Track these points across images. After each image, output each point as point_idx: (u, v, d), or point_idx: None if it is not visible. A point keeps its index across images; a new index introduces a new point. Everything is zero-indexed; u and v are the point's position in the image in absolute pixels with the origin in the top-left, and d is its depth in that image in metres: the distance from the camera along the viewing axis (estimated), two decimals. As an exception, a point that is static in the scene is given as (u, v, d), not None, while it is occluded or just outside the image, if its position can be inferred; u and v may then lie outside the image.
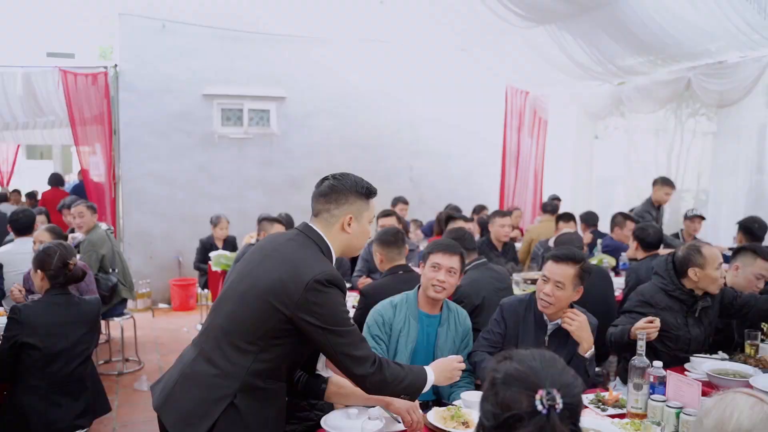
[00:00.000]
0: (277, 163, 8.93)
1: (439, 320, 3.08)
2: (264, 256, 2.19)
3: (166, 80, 8.26)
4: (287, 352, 2.11)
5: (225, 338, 2.09)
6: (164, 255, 8.47)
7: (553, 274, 2.87)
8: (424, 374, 2.28)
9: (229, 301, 2.17)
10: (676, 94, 7.37)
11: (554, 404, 1.21)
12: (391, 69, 9.27)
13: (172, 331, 7.17)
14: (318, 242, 2.17)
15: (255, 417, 2.06)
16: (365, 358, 2.09)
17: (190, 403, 2.06)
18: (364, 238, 2.29)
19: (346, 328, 2.07)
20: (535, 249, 6.59)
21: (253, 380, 2.05)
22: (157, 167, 8.32)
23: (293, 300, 2.01)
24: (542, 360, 1.31)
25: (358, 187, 2.22)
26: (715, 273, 3.28)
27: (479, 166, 10.13)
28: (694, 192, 8.17)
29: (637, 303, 3.40)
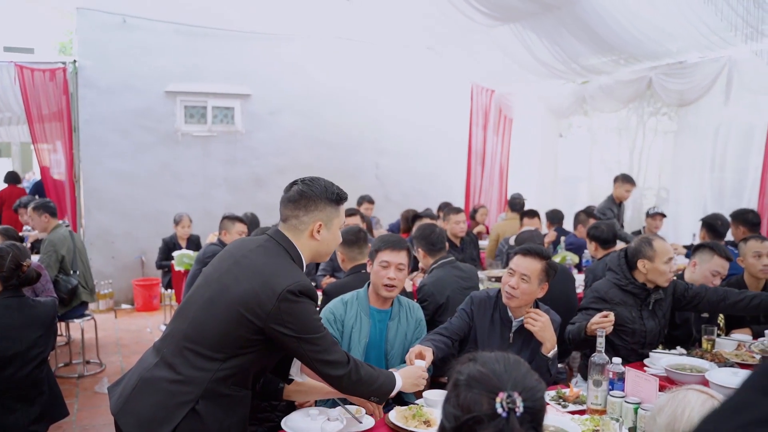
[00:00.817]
0: (241, 161, 8.84)
1: (390, 314, 3.08)
2: (233, 263, 2.14)
3: (127, 77, 8.10)
4: (254, 360, 2.08)
5: (188, 345, 2.04)
6: (126, 255, 8.32)
7: (519, 267, 2.89)
8: (394, 379, 2.30)
9: (194, 306, 2.12)
10: (638, 93, 7.49)
11: (514, 407, 1.21)
12: (357, 67, 9.25)
13: (134, 332, 7.05)
14: (288, 249, 2.15)
15: (217, 424, 2.02)
16: (340, 361, 2.11)
17: (149, 409, 2.01)
18: (334, 244, 2.27)
19: (318, 335, 2.07)
20: (500, 246, 6.65)
21: (217, 387, 2.02)
22: (118, 165, 8.16)
23: (265, 311, 1.99)
24: (506, 363, 1.30)
25: (328, 193, 2.18)
26: (663, 266, 3.32)
27: (445, 164, 10.17)
28: (655, 190, 8.32)
29: (592, 300, 3.44)
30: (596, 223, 5.32)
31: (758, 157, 6.16)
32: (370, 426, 2.44)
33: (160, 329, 7.11)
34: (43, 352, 3.30)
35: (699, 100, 6.81)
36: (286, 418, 2.39)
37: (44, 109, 7.70)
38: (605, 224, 5.18)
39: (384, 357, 3.01)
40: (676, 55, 6.82)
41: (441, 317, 3.86)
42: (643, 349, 3.41)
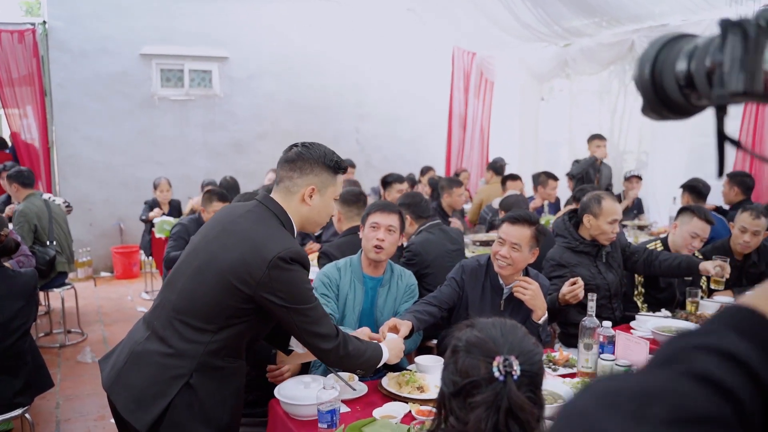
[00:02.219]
0: (220, 126, 8.69)
1: (381, 281, 3.08)
2: (221, 230, 2.07)
3: (100, 39, 7.87)
4: (246, 330, 2.04)
5: (178, 317, 1.99)
6: (105, 222, 8.19)
7: (509, 236, 2.87)
8: (381, 351, 2.28)
9: (182, 276, 2.05)
10: (619, 55, 7.47)
11: (511, 371, 1.21)
12: (338, 29, 9.08)
13: (115, 300, 6.98)
14: (278, 214, 2.07)
15: (212, 397, 1.98)
16: (329, 334, 2.06)
17: (142, 384, 1.96)
18: (326, 214, 2.19)
19: (309, 305, 2.02)
20: (483, 212, 6.66)
21: (210, 359, 1.97)
22: (94, 131, 7.98)
23: (255, 279, 1.93)
24: (503, 328, 1.31)
25: (327, 159, 2.11)
26: (606, 226, 3.41)
27: (426, 128, 10.11)
28: (635, 153, 8.36)
29: (551, 268, 3.50)
30: (584, 186, 5.32)
31: (736, 121, 6.19)
32: (364, 393, 2.44)
33: (142, 297, 7.05)
34: (26, 323, 3.24)
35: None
36: (280, 386, 2.37)
37: (14, 73, 7.48)
38: (591, 187, 5.19)
39: (373, 324, 3.00)
40: (658, 18, 6.80)
41: (426, 277, 3.87)
42: (611, 302, 3.52)
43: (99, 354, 5.22)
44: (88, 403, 4.36)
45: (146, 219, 6.74)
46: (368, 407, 2.33)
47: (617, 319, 3.43)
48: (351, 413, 2.30)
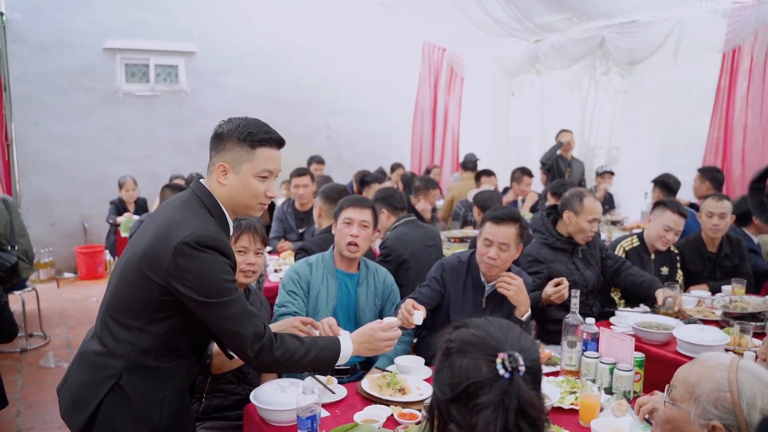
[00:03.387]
0: (188, 122, 8.49)
1: (358, 280, 3.01)
2: (148, 223, 1.96)
3: (62, 32, 7.61)
4: (178, 326, 1.88)
5: (109, 314, 1.89)
6: (68, 221, 7.94)
7: (496, 236, 2.81)
8: (336, 345, 2.02)
9: (116, 273, 1.95)
10: (589, 51, 7.51)
11: (517, 366, 1.14)
12: (309, 23, 8.95)
13: (79, 302, 6.76)
14: (204, 198, 1.91)
15: (144, 398, 1.85)
16: (250, 336, 1.82)
17: (79, 386, 1.88)
18: (250, 194, 1.92)
19: (224, 299, 1.80)
20: (456, 208, 6.61)
21: (140, 359, 1.85)
22: (56, 127, 7.72)
23: (163, 266, 1.77)
24: (500, 325, 1.24)
25: (239, 132, 1.88)
26: (585, 224, 3.41)
27: (397, 124, 10.04)
28: (606, 149, 8.41)
29: (528, 264, 3.47)
30: (560, 181, 5.31)
31: (706, 117, 6.25)
32: (344, 396, 2.36)
33: (107, 298, 6.84)
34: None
35: (649, 58, 6.86)
36: (256, 390, 2.28)
37: (-30, 67, 7.18)
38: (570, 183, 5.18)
39: (355, 323, 2.92)
40: (628, 14, 6.83)
41: (404, 273, 3.82)
42: (588, 299, 3.51)
43: (62, 358, 5.04)
44: (52, 410, 4.17)
45: (114, 223, 6.56)
46: (349, 411, 2.25)
47: (595, 316, 3.39)
48: (331, 418, 2.22)
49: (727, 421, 1.38)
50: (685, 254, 4.09)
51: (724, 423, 1.38)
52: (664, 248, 3.81)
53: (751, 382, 1.38)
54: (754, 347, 2.71)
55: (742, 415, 1.36)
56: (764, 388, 1.37)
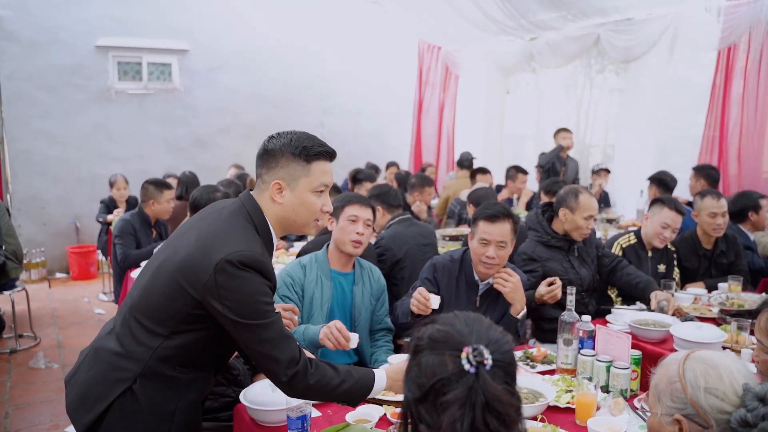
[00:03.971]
0: (180, 121, 8.43)
1: (353, 279, 2.96)
2: (189, 227, 1.88)
3: (53, 30, 7.53)
4: (204, 339, 1.82)
5: (133, 314, 1.81)
6: (59, 221, 7.86)
7: (493, 235, 2.77)
8: (370, 380, 1.89)
9: (147, 273, 1.88)
10: (584, 49, 7.47)
11: (483, 360, 1.08)
12: (302, 21, 8.90)
13: (71, 302, 6.68)
14: (253, 214, 1.83)
15: (155, 408, 1.78)
16: (285, 360, 1.75)
17: (89, 383, 1.81)
18: (307, 212, 1.87)
19: (261, 322, 1.73)
20: (452, 206, 6.58)
21: (158, 366, 1.78)
22: (48, 125, 7.65)
23: (201, 282, 1.71)
24: (466, 319, 1.19)
25: (293, 147, 1.82)
26: (581, 221, 3.38)
27: (391, 122, 10.00)
28: (601, 147, 8.39)
29: (523, 262, 3.43)
30: (554, 179, 5.29)
31: (701, 115, 6.22)
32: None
33: (99, 298, 6.78)
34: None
35: (644, 56, 6.84)
36: (246, 390, 2.23)
37: (-40, 64, 7.10)
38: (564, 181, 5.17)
39: (351, 323, 2.87)
40: (624, 11, 6.80)
41: (398, 273, 3.78)
42: (584, 297, 3.47)
43: (53, 359, 4.98)
44: (41, 412, 4.12)
45: (104, 221, 6.47)
46: (340, 410, 2.20)
47: (591, 314, 3.36)
48: (322, 417, 2.18)
49: (685, 411, 1.37)
50: (681, 251, 4.06)
51: (684, 414, 1.37)
52: (662, 246, 3.78)
53: (694, 367, 1.38)
54: (751, 344, 2.68)
55: (690, 398, 1.36)
56: (709, 368, 1.36)
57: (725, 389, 1.33)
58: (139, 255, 4.68)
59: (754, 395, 1.31)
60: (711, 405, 1.34)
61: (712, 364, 1.37)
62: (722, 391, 1.33)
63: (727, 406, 1.33)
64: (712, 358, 1.39)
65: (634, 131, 7.29)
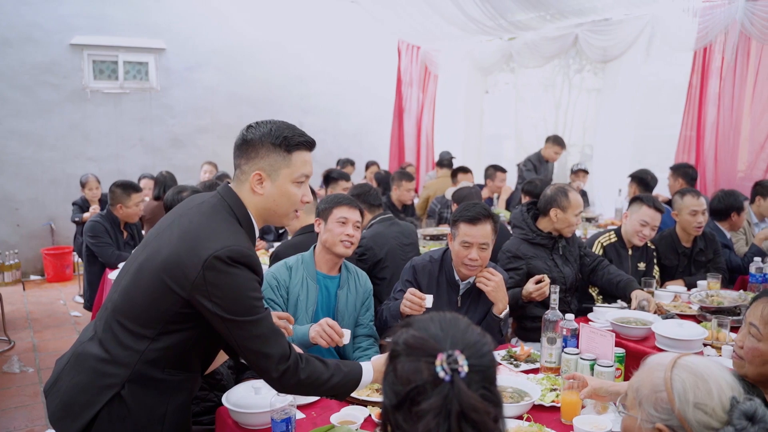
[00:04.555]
0: (157, 121, 8.32)
1: (339, 282, 2.93)
2: (170, 223, 1.82)
3: (27, 27, 7.39)
4: (192, 339, 1.79)
5: (116, 318, 1.76)
6: (33, 222, 7.72)
7: (476, 237, 2.76)
8: (358, 373, 1.88)
9: (126, 273, 1.82)
10: (563, 49, 7.52)
11: (457, 367, 1.05)
12: (280, 20, 8.84)
13: (46, 305, 6.56)
14: (234, 207, 1.80)
15: (146, 412, 1.75)
16: (275, 356, 1.73)
17: (73, 390, 1.75)
18: (288, 202, 1.85)
19: (251, 318, 1.70)
20: (432, 205, 6.57)
21: (146, 369, 1.73)
22: (20, 125, 7.50)
23: (189, 280, 1.67)
24: (442, 322, 1.14)
25: (273, 136, 1.79)
26: (572, 218, 3.42)
27: (370, 121, 9.98)
28: (580, 146, 8.45)
29: (507, 260, 3.44)
30: (531, 179, 5.32)
31: (678, 115, 6.29)
32: (319, 397, 2.28)
33: (75, 300, 6.67)
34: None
35: (621, 56, 6.90)
36: (228, 392, 2.19)
37: (-71, 63, 6.94)
38: (539, 179, 5.19)
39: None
40: (602, 12, 6.85)
41: (380, 272, 3.76)
42: (567, 295, 3.48)
43: (28, 363, 4.88)
44: (16, 417, 4.03)
45: (80, 221, 6.33)
46: (325, 412, 2.18)
47: (574, 312, 3.38)
48: (306, 419, 2.15)
49: (669, 421, 1.33)
50: (660, 249, 4.09)
51: (666, 424, 1.33)
52: (641, 243, 3.81)
53: (683, 378, 1.33)
54: (731, 341, 2.70)
55: (677, 411, 1.31)
56: (698, 381, 1.32)
57: (714, 405, 1.29)
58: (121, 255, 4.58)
59: (742, 413, 1.28)
60: (698, 420, 1.30)
61: (702, 377, 1.33)
62: (711, 408, 1.29)
63: (714, 423, 1.29)
64: (702, 369, 1.35)
65: (612, 131, 7.35)
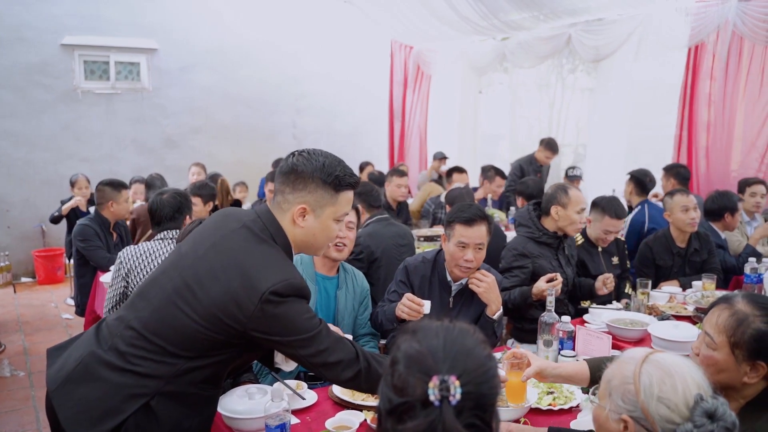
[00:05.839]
0: (150, 121, 8.27)
1: (337, 283, 2.91)
2: (210, 246, 1.78)
3: (17, 27, 7.33)
4: (230, 359, 1.79)
5: (148, 336, 1.72)
6: (25, 224, 7.66)
7: (471, 238, 2.74)
8: None
9: (160, 293, 1.77)
10: (556, 49, 7.52)
11: (448, 395, 1.01)
12: (274, 20, 8.81)
13: (37, 308, 6.51)
14: (274, 234, 1.80)
15: (173, 424, 1.72)
16: (346, 361, 1.76)
17: (91, 398, 1.70)
18: (325, 237, 1.88)
19: (310, 334, 1.73)
20: (426, 206, 6.55)
21: (179, 384, 1.72)
22: (11, 126, 7.44)
23: (246, 315, 1.67)
24: (447, 337, 1.10)
25: (325, 173, 1.78)
26: (575, 215, 3.40)
27: (365, 122, 9.96)
28: (573, 146, 8.46)
29: (513, 258, 3.41)
30: (524, 179, 5.33)
31: (673, 115, 6.30)
32: (314, 401, 2.26)
33: (67, 303, 6.62)
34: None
35: (615, 56, 6.91)
36: (222, 398, 2.16)
37: None
38: (532, 180, 5.19)
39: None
40: (595, 11, 6.86)
41: (374, 272, 3.75)
42: (566, 297, 3.49)
43: (18, 367, 4.85)
44: (8, 421, 3.99)
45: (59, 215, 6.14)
46: (320, 417, 2.16)
47: (571, 315, 3.37)
48: (301, 425, 2.13)
49: (634, 413, 1.36)
50: (654, 250, 4.10)
51: (632, 416, 1.36)
52: (606, 245, 3.87)
53: (651, 372, 1.36)
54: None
55: (641, 404, 1.34)
56: (665, 376, 1.35)
57: (677, 401, 1.32)
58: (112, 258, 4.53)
59: (704, 411, 1.30)
60: (660, 414, 1.33)
61: (668, 372, 1.35)
62: (674, 403, 1.32)
63: (676, 417, 1.31)
64: (670, 365, 1.37)
65: (606, 131, 7.36)
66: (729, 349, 1.64)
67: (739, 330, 1.63)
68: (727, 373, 1.66)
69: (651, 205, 5.05)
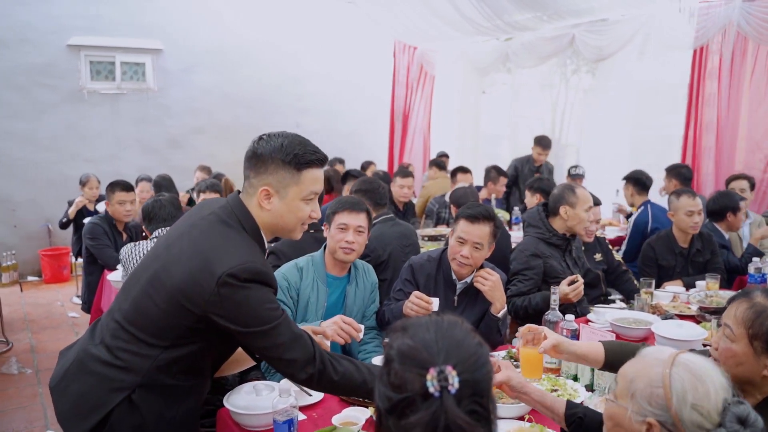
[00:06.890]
0: (154, 121, 8.30)
1: (348, 280, 2.93)
2: (180, 234, 1.82)
3: (23, 28, 7.37)
4: (204, 349, 1.81)
5: (128, 327, 1.77)
6: (31, 223, 7.70)
7: (471, 235, 2.76)
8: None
9: (138, 283, 1.81)
10: (559, 49, 7.54)
11: (447, 385, 1.03)
12: (277, 20, 8.84)
13: (44, 306, 6.55)
14: (243, 219, 1.80)
15: (156, 416, 1.76)
16: (300, 360, 1.75)
17: (80, 392, 1.76)
18: (295, 219, 1.85)
19: (267, 327, 1.72)
20: (430, 205, 6.57)
21: (157, 376, 1.75)
22: (17, 126, 7.48)
23: (204, 298, 1.68)
24: (437, 330, 1.12)
25: (284, 153, 1.77)
26: (583, 214, 3.41)
27: (367, 122, 9.97)
28: (576, 147, 8.47)
29: (526, 259, 3.41)
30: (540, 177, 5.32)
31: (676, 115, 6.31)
32: (321, 398, 2.29)
33: (73, 302, 6.66)
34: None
35: (618, 57, 6.93)
36: (230, 394, 2.19)
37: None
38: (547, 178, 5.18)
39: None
40: (599, 12, 6.87)
41: (381, 274, 3.74)
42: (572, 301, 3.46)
43: (26, 364, 4.88)
44: (15, 419, 4.02)
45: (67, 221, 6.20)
46: (326, 413, 2.19)
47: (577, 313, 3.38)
48: (308, 421, 2.15)
49: (661, 417, 1.34)
50: (657, 250, 4.12)
51: (659, 419, 1.34)
52: (591, 239, 3.88)
53: (682, 377, 1.34)
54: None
55: (673, 410, 1.32)
56: (697, 382, 1.33)
57: (710, 408, 1.31)
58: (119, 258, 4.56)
59: (735, 416, 1.29)
60: (693, 421, 1.31)
61: (700, 378, 1.34)
62: (707, 410, 1.31)
63: (707, 424, 1.30)
64: (700, 370, 1.36)
65: (608, 131, 7.38)
66: (747, 341, 1.66)
67: (758, 322, 1.65)
68: (746, 366, 1.67)
69: (654, 205, 5.06)
